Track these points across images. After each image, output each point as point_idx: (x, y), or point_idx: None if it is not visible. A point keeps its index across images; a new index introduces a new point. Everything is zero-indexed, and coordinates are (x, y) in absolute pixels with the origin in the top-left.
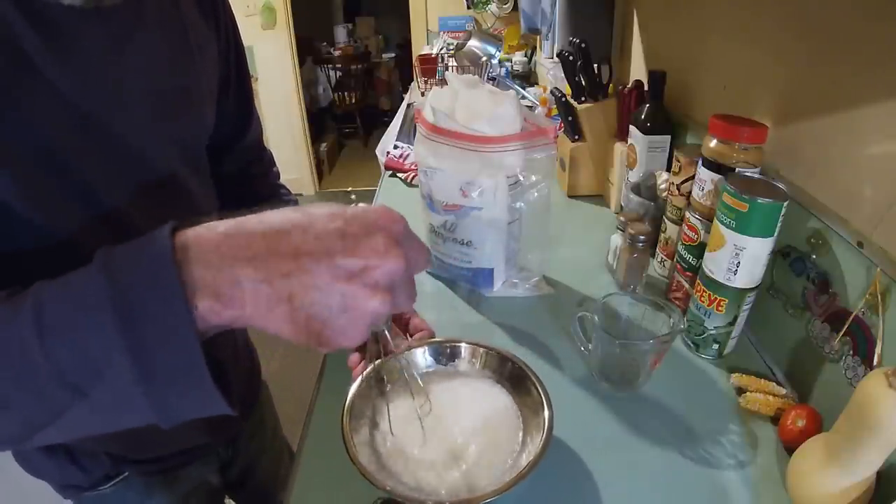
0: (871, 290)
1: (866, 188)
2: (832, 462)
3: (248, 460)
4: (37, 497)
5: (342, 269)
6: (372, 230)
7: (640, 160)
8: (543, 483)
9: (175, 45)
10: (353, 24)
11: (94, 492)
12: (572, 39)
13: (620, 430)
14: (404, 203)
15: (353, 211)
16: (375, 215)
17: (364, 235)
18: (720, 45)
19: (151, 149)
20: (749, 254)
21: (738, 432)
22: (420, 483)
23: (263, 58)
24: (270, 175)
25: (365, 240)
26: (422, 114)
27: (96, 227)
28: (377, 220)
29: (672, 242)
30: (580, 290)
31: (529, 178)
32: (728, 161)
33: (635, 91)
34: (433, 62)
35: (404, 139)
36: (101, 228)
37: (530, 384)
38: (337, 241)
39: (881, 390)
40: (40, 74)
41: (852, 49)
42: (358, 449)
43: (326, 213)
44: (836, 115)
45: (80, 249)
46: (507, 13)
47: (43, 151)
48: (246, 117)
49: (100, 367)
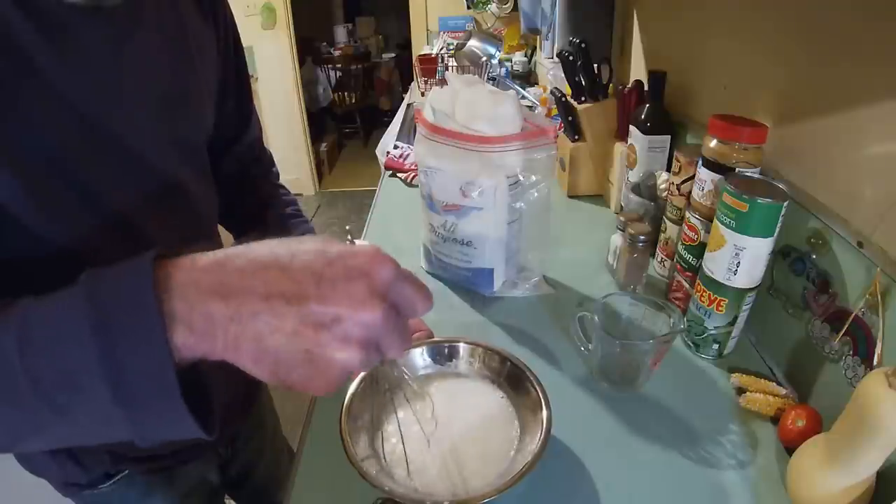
0: (871, 290)
1: (866, 188)
2: (832, 462)
3: (248, 460)
4: (37, 496)
5: (312, 316)
6: (353, 276)
7: (640, 160)
8: (543, 483)
9: (174, 46)
10: (353, 24)
11: (95, 490)
12: (572, 39)
13: (620, 430)
14: (404, 203)
15: (339, 251)
16: (361, 259)
17: (343, 281)
18: (720, 46)
19: (151, 149)
20: (749, 254)
21: (738, 432)
22: (419, 483)
23: (263, 58)
24: (270, 175)
25: (343, 286)
26: (422, 114)
27: (96, 227)
28: (361, 265)
29: (672, 242)
30: (580, 290)
31: (529, 178)
32: (728, 161)
33: (635, 91)
34: (433, 62)
35: (404, 139)
36: (101, 228)
37: (529, 384)
38: (312, 286)
39: (881, 390)
40: (41, 73)
41: (852, 49)
42: (356, 449)
43: (311, 250)
44: (836, 115)
45: (81, 249)
46: (507, 13)
47: (42, 150)
48: (245, 118)
49: (78, 387)
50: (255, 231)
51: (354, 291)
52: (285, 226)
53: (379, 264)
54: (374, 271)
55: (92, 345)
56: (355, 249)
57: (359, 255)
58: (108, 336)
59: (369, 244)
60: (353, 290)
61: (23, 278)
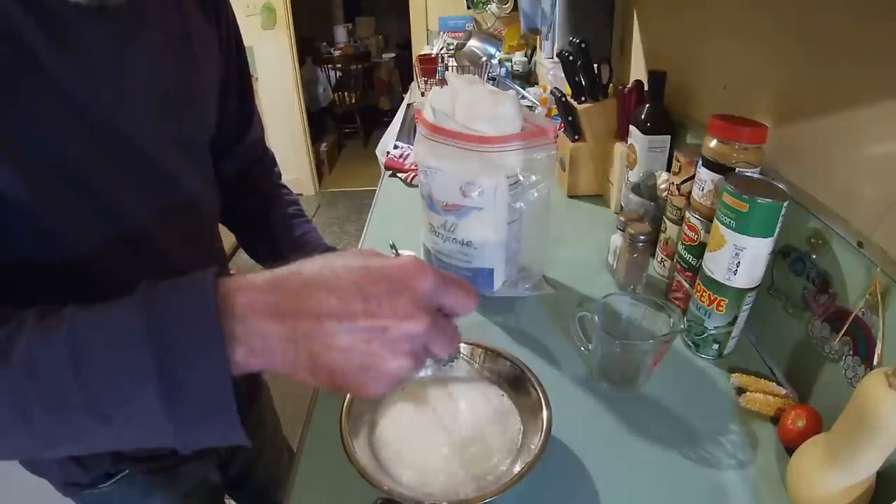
0: (871, 290)
1: (866, 188)
2: (832, 462)
3: (249, 459)
4: (37, 496)
5: (362, 331)
6: (396, 290)
7: (640, 160)
8: (543, 483)
9: (178, 45)
10: (353, 24)
11: (95, 490)
12: (572, 39)
13: (620, 430)
14: (404, 203)
15: (381, 267)
16: (402, 273)
17: (387, 296)
18: (720, 46)
19: (154, 148)
20: (749, 254)
21: (738, 432)
22: (419, 483)
23: (263, 58)
24: (272, 175)
25: (387, 301)
26: (422, 114)
27: (98, 225)
28: (404, 279)
29: (672, 242)
30: (580, 290)
31: (529, 178)
32: (728, 161)
33: (635, 91)
34: (433, 62)
35: (404, 139)
36: (102, 226)
37: (529, 384)
38: (359, 303)
39: (881, 390)
40: (43, 70)
41: (852, 49)
42: (357, 449)
43: (356, 267)
44: (836, 115)
45: (82, 247)
46: (507, 13)
47: (44, 147)
48: (247, 118)
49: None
50: (256, 231)
51: (399, 305)
52: (287, 226)
53: (419, 276)
54: (415, 284)
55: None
56: (396, 263)
57: (400, 270)
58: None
59: (412, 256)
60: (397, 304)
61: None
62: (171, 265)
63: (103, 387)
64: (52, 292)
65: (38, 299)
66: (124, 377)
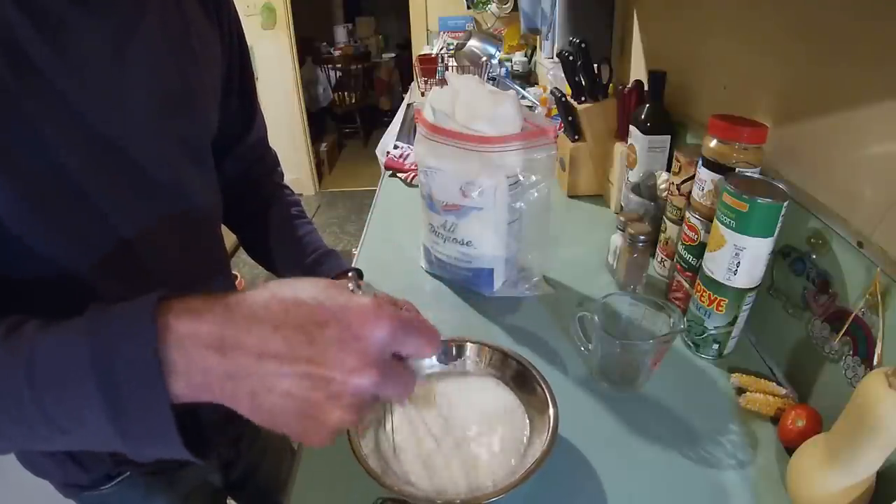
0: (871, 290)
1: (866, 188)
2: (832, 462)
3: (250, 461)
4: (37, 496)
5: (304, 377)
6: (345, 339)
7: (640, 160)
8: (544, 483)
9: (177, 44)
10: (353, 24)
11: (96, 491)
12: (572, 39)
13: (620, 430)
14: (404, 203)
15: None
16: (357, 318)
17: (336, 344)
18: (720, 46)
19: (154, 148)
20: (749, 254)
21: (738, 432)
22: (425, 482)
23: (263, 58)
24: (274, 175)
25: (335, 351)
26: (422, 114)
27: (97, 226)
28: (355, 326)
29: (672, 242)
30: (580, 290)
31: (529, 178)
32: (728, 161)
33: (635, 91)
34: (433, 62)
35: (404, 139)
36: (102, 227)
37: (535, 383)
38: (304, 347)
39: (881, 390)
40: (38, 73)
41: (852, 49)
42: (363, 448)
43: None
44: (836, 115)
45: (80, 250)
46: (507, 13)
47: (40, 149)
48: (250, 117)
49: (85, 424)
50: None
51: (345, 358)
52: (287, 227)
53: (374, 324)
54: (367, 333)
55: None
56: (353, 304)
57: (355, 314)
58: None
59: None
60: (345, 356)
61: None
62: (171, 270)
63: (57, 407)
64: (49, 301)
65: (36, 307)
66: (74, 402)
